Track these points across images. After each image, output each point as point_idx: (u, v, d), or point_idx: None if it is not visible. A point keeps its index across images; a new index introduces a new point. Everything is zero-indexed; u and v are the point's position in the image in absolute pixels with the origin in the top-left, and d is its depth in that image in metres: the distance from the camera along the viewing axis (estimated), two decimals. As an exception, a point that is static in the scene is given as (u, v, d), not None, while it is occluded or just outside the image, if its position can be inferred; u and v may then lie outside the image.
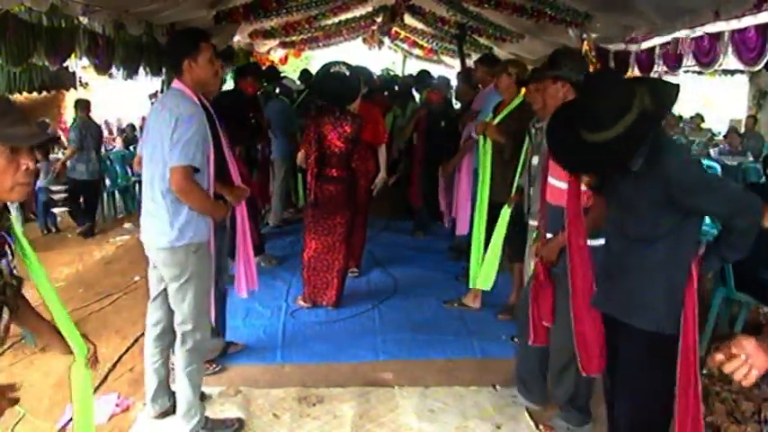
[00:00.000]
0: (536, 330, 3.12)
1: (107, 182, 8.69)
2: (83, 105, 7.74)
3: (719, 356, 1.55)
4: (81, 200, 7.75)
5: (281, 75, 8.96)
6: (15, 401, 1.62)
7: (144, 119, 8.03)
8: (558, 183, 2.99)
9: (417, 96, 8.64)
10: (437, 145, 6.31)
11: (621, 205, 2.30)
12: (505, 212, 4.14)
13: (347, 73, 4.73)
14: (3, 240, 1.65)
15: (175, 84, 2.94)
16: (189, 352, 3.01)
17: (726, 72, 12.80)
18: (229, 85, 7.22)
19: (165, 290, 3.07)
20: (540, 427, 3.29)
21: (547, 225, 3.11)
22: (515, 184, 3.99)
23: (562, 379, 3.14)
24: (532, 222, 3.70)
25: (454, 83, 7.60)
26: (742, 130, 11.74)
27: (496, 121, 4.43)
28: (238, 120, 5.55)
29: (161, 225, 2.87)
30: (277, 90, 7.85)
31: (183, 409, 3.06)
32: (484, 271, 4.42)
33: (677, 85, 2.18)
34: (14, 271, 1.69)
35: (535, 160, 3.65)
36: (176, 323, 3.03)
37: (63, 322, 1.84)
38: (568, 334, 2.62)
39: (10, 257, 1.67)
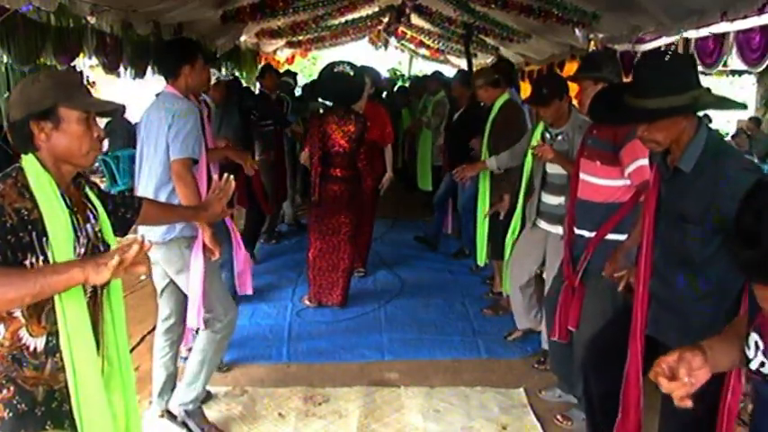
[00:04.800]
0: (560, 327, 3.20)
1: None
2: None
3: (661, 379, 1.40)
4: None
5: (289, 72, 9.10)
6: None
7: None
8: (588, 177, 3.07)
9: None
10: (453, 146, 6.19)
11: (669, 214, 2.18)
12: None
13: (351, 73, 4.73)
14: (85, 206, 1.80)
15: (168, 88, 3.04)
16: (214, 333, 3.09)
17: (734, 72, 12.74)
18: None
19: (168, 285, 3.14)
20: (558, 416, 3.32)
21: (573, 221, 3.14)
22: (522, 188, 3.99)
23: (583, 373, 3.15)
24: (545, 225, 3.69)
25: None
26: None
27: (486, 134, 4.62)
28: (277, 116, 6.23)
29: None
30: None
31: (186, 380, 3.11)
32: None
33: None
34: (100, 234, 1.80)
35: (550, 168, 3.64)
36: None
37: None
38: (592, 328, 2.65)
39: (93, 222, 1.80)
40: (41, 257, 1.58)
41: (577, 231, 3.13)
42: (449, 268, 5.89)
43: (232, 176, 2.31)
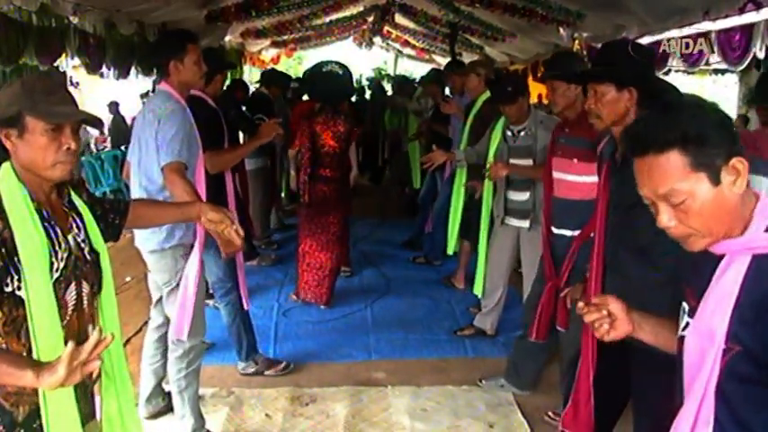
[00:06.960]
0: (539, 328, 3.20)
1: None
2: None
3: (581, 304, 1.52)
4: None
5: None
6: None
7: (134, 120, 8.17)
8: (564, 176, 3.09)
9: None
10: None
11: (620, 206, 2.22)
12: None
13: (340, 72, 4.75)
14: (67, 215, 1.70)
15: (161, 85, 2.93)
16: (178, 359, 2.98)
17: (717, 71, 12.88)
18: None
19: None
20: (550, 413, 3.33)
21: (551, 221, 3.16)
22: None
23: (572, 371, 3.16)
24: (514, 222, 3.82)
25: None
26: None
27: (468, 126, 4.69)
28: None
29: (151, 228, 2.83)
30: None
31: (177, 415, 3.06)
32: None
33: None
34: (83, 244, 1.71)
35: (517, 162, 3.74)
36: (170, 329, 3.00)
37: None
38: (578, 328, 2.67)
39: (77, 231, 1.70)
40: (16, 277, 1.52)
41: (558, 231, 3.13)
42: (435, 268, 5.89)
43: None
